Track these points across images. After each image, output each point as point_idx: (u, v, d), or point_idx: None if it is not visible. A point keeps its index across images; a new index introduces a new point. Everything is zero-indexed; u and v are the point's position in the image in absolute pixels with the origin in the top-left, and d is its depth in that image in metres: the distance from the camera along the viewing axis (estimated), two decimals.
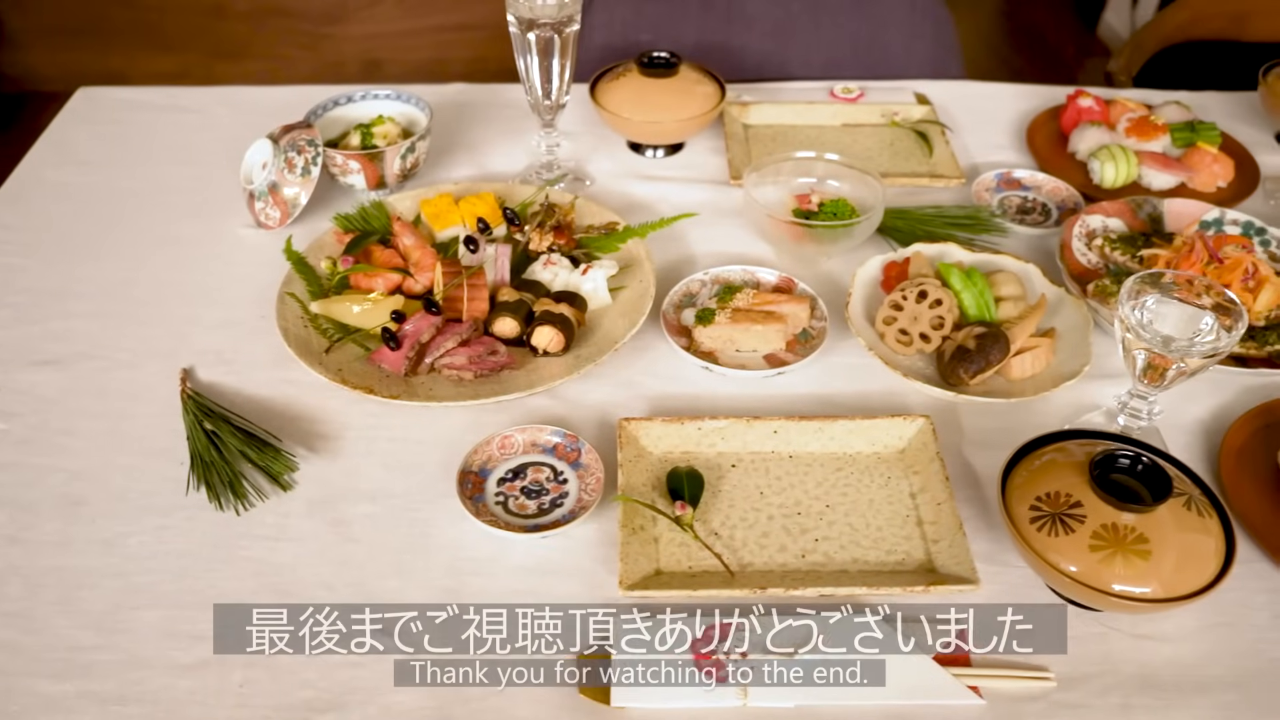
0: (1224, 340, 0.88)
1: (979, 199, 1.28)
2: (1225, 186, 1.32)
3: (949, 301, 1.03)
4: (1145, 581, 0.78)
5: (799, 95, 1.49)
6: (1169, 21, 1.67)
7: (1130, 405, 0.96)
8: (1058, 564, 0.80)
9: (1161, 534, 0.79)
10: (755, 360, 1.06)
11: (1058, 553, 0.80)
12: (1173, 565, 0.79)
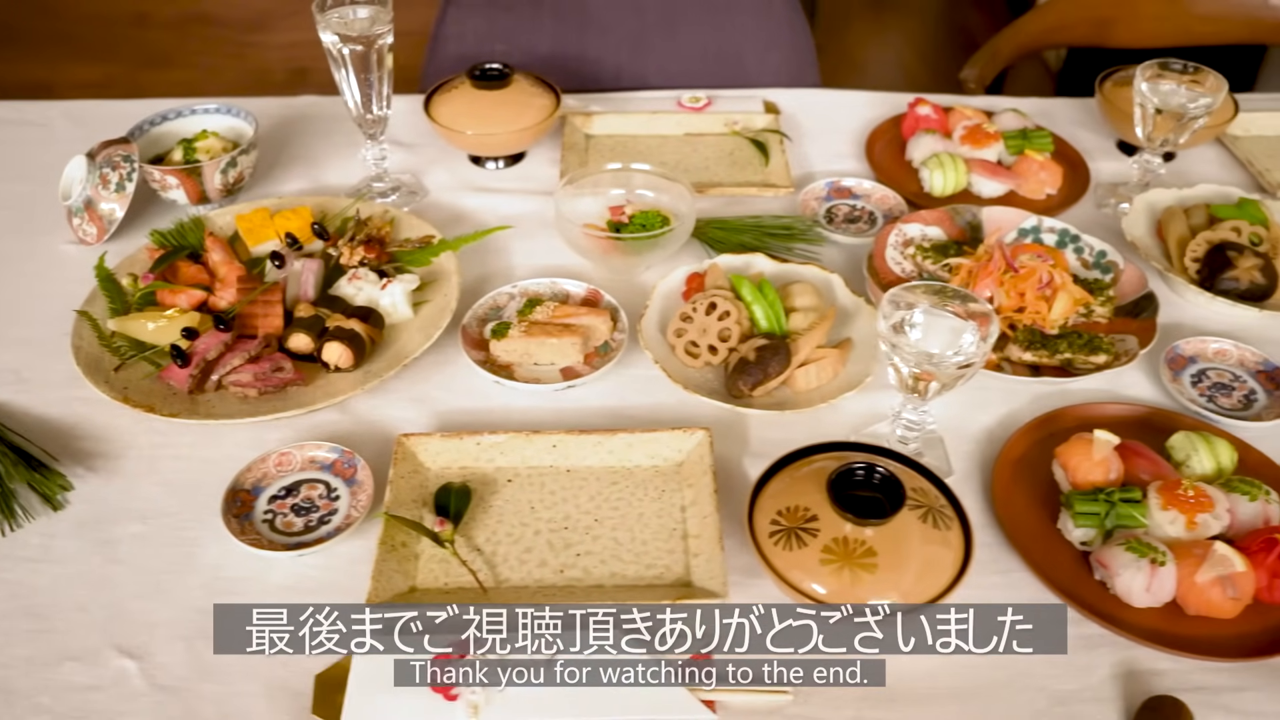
0: (978, 351, 0.88)
1: (806, 208, 1.29)
2: (1055, 193, 1.33)
3: (736, 314, 1.03)
4: (872, 593, 0.78)
5: (647, 105, 1.49)
6: (1027, 29, 1.68)
7: (903, 416, 0.96)
8: (788, 577, 0.80)
9: (891, 547, 0.80)
10: (552, 374, 1.06)
11: (791, 566, 0.80)
12: (913, 576, 0.80)
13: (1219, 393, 1.06)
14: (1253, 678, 0.82)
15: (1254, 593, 0.85)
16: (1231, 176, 1.39)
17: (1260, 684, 0.82)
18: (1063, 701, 0.81)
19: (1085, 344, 1.05)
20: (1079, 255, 1.19)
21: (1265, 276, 1.13)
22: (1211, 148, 1.44)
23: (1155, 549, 0.85)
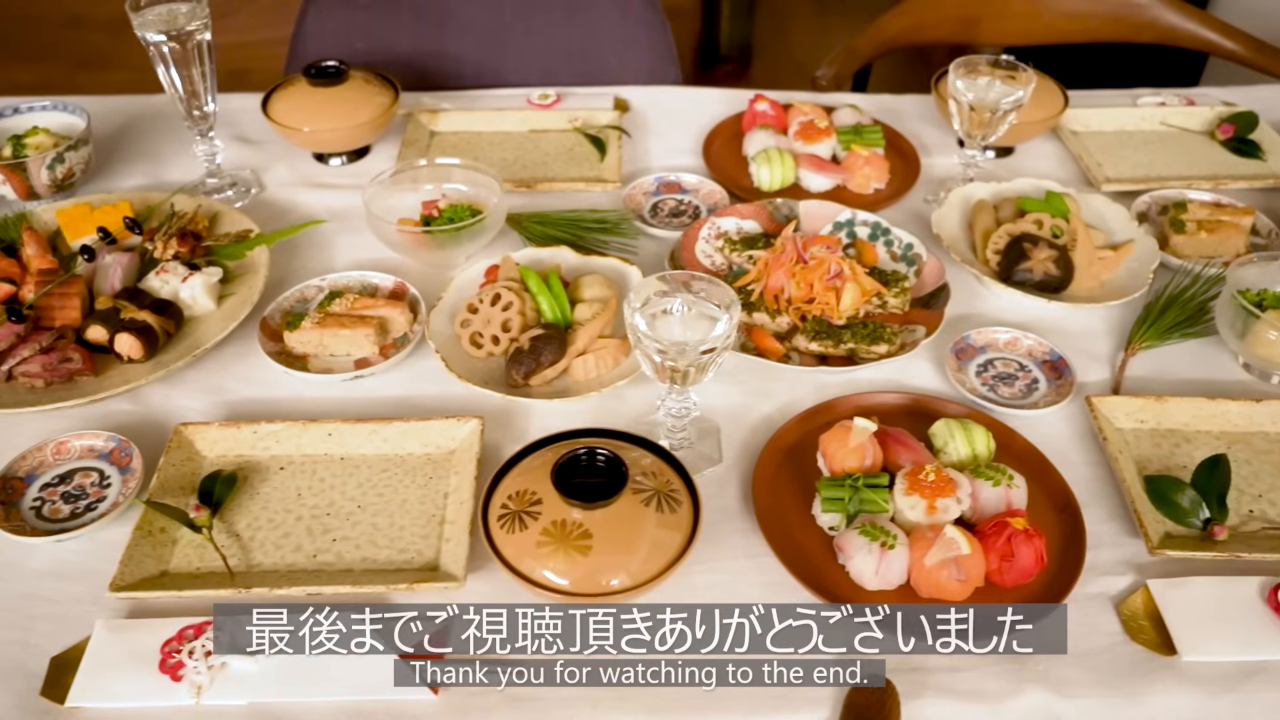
0: (720, 338, 0.89)
1: (631, 202, 1.30)
2: (883, 188, 1.34)
3: (520, 305, 1.05)
4: (584, 574, 0.80)
5: (500, 102, 1.51)
6: (889, 27, 1.69)
7: (667, 403, 0.97)
8: (505, 555, 0.81)
9: (608, 530, 0.81)
10: (347, 364, 1.08)
11: (511, 546, 0.82)
12: (631, 557, 0.81)
13: (1001, 382, 1.07)
14: (972, 660, 0.83)
15: (985, 575, 0.86)
16: (1065, 170, 1.41)
17: (977, 665, 0.83)
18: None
19: (869, 334, 1.07)
20: (889, 248, 1.21)
21: (1059, 268, 1.14)
22: (1049, 142, 1.46)
23: (887, 533, 0.87)
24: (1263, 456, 1.00)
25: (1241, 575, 0.89)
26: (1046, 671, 0.83)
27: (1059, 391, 1.05)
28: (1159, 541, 0.90)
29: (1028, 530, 0.86)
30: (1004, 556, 0.86)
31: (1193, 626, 0.85)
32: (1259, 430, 1.02)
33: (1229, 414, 1.02)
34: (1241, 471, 0.98)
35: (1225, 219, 1.23)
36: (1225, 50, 1.70)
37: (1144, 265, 1.17)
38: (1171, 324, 1.12)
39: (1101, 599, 0.88)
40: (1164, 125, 1.47)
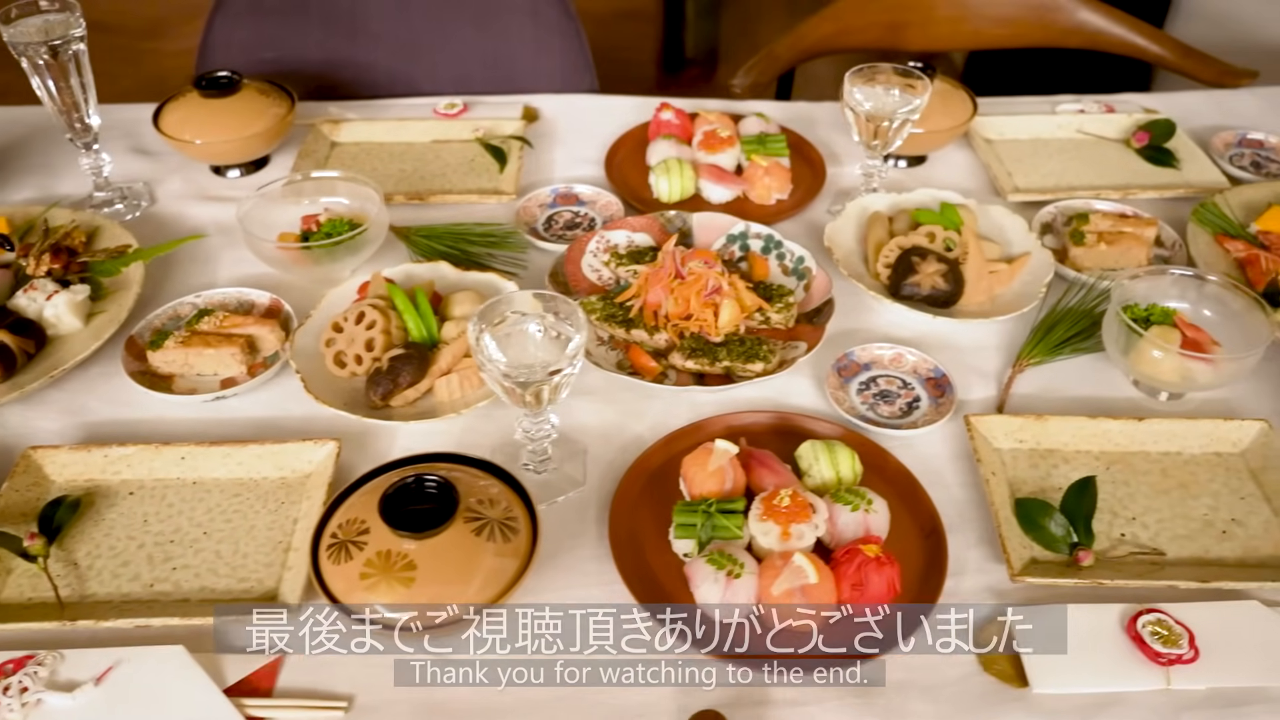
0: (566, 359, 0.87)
1: (526, 215, 1.28)
2: (785, 198, 1.32)
3: (384, 323, 1.02)
4: (408, 606, 0.77)
5: (407, 111, 1.48)
6: (811, 33, 1.66)
7: (524, 425, 0.95)
8: (331, 587, 0.79)
9: (434, 560, 0.78)
10: (213, 384, 1.05)
11: (337, 578, 0.79)
12: (458, 589, 0.79)
13: (882, 400, 1.05)
14: (815, 693, 0.81)
15: (835, 604, 0.84)
16: (976, 179, 1.38)
17: (820, 699, 0.80)
18: (619, 714, 0.79)
19: (745, 351, 1.04)
20: (781, 261, 1.18)
21: (948, 282, 1.12)
22: (962, 150, 1.43)
23: (734, 561, 0.84)
24: (1141, 477, 0.97)
25: (1106, 603, 0.86)
26: (890, 704, 0.80)
27: (939, 410, 1.03)
28: (1021, 568, 0.88)
29: (879, 558, 0.83)
30: (855, 585, 0.83)
31: (1048, 657, 0.82)
32: (1140, 450, 0.99)
33: (1110, 433, 0.99)
34: (1118, 493, 0.96)
35: (1127, 230, 1.20)
36: (1152, 55, 1.67)
37: (1039, 279, 1.14)
38: (1061, 340, 1.09)
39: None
40: (1080, 133, 1.44)
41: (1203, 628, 0.84)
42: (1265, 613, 0.85)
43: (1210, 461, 0.99)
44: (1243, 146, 1.42)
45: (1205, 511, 0.94)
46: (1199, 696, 0.81)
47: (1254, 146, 1.42)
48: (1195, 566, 0.89)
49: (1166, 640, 0.82)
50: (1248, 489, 0.96)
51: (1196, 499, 0.95)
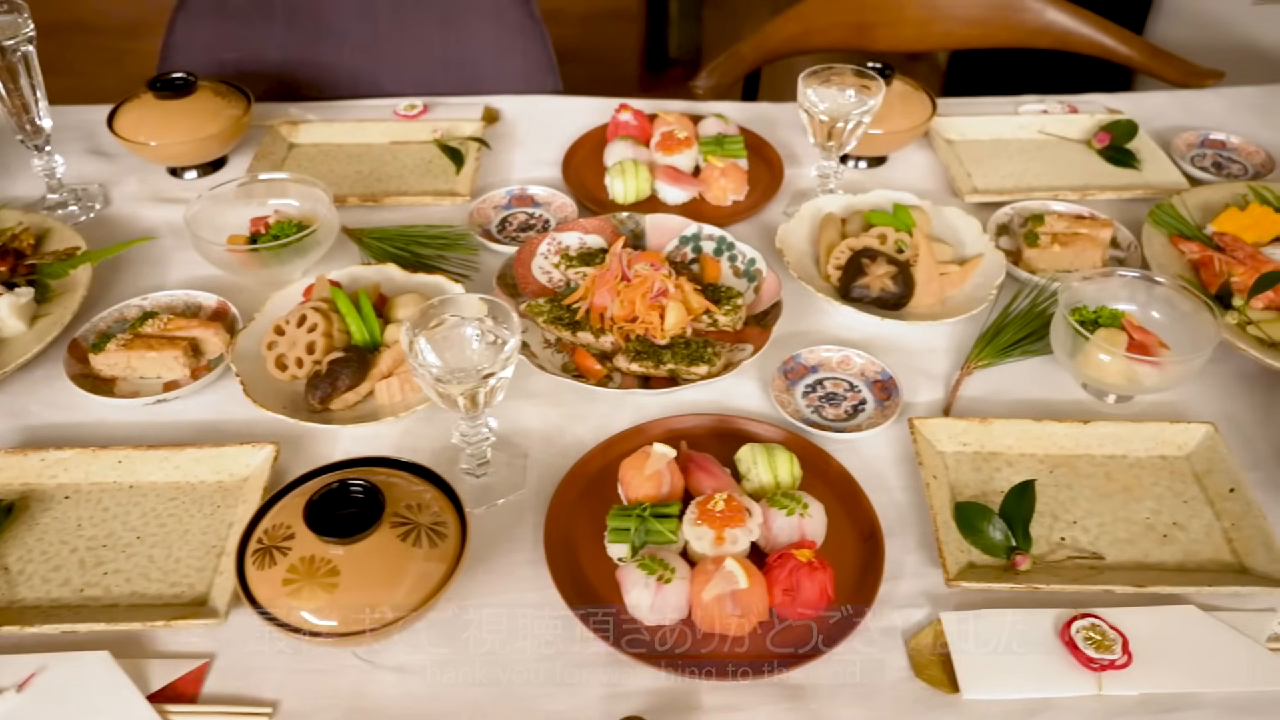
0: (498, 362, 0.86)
1: (480, 216, 1.27)
2: (742, 199, 1.31)
3: (325, 326, 1.02)
4: (332, 612, 0.77)
5: (368, 113, 1.47)
6: (776, 34, 1.66)
7: (461, 428, 0.94)
8: (255, 593, 0.78)
9: (358, 565, 0.78)
10: (157, 387, 1.05)
11: (261, 584, 0.78)
12: (383, 594, 0.78)
13: (828, 403, 1.04)
14: (747, 698, 0.80)
15: (768, 609, 0.83)
16: (935, 180, 1.37)
17: (752, 705, 0.80)
18: (547, 719, 0.79)
19: (689, 354, 1.04)
20: (732, 263, 1.18)
21: (897, 284, 1.11)
22: (923, 151, 1.42)
23: (665, 565, 0.83)
24: (1085, 480, 0.96)
25: (1042, 607, 0.85)
26: (820, 710, 0.79)
27: (884, 413, 1.02)
28: (957, 573, 0.87)
29: (812, 563, 0.83)
30: (787, 590, 0.83)
31: (981, 662, 0.82)
32: (1085, 453, 0.99)
33: (1055, 436, 0.99)
34: (1061, 496, 0.95)
35: (1082, 231, 1.19)
36: (1120, 55, 1.66)
37: (991, 281, 1.13)
38: (1010, 342, 1.08)
39: (894, 633, 0.85)
40: (1042, 134, 1.43)
41: (1138, 633, 0.83)
42: (1201, 617, 0.84)
43: (1155, 465, 0.98)
44: (1205, 147, 1.42)
45: (1147, 515, 0.93)
46: (1131, 702, 0.80)
47: (1216, 147, 1.41)
48: (1134, 571, 0.89)
49: (1099, 645, 0.82)
50: (1191, 492, 0.95)
51: (1139, 502, 0.95)
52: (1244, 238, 1.18)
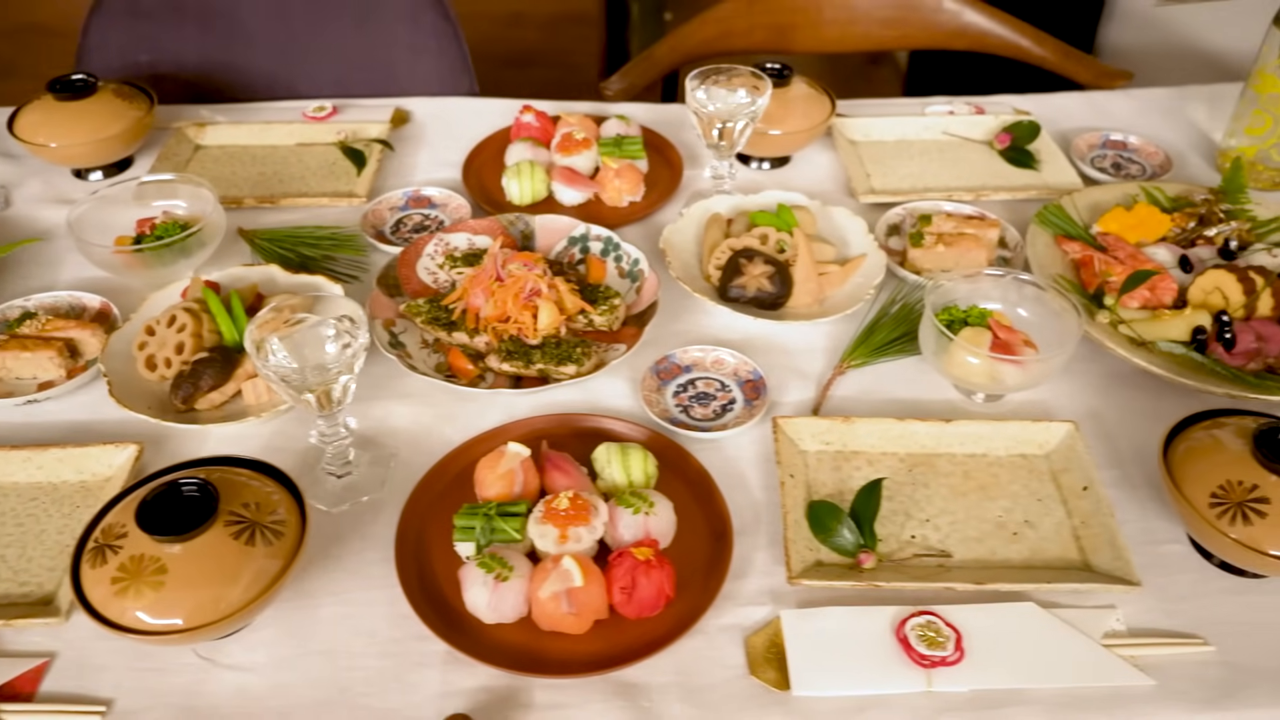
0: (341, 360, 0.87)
1: (375, 218, 1.28)
2: (639, 200, 1.31)
3: (194, 326, 1.02)
4: (160, 610, 0.77)
5: (280, 114, 1.48)
6: (692, 36, 1.66)
7: (318, 426, 0.95)
8: (89, 593, 0.79)
9: (188, 564, 0.78)
10: (31, 387, 1.05)
11: (94, 583, 0.79)
12: (212, 594, 0.78)
13: (697, 402, 1.04)
14: (579, 695, 0.81)
15: (606, 607, 0.84)
16: (836, 180, 1.38)
17: (584, 702, 0.80)
18: (380, 716, 0.79)
19: (559, 354, 1.04)
20: (618, 263, 1.18)
21: (774, 284, 1.11)
22: (826, 152, 1.43)
23: (503, 564, 0.84)
24: (943, 479, 0.97)
25: (886, 605, 0.86)
26: (652, 707, 0.80)
27: (752, 413, 1.03)
28: (801, 571, 0.88)
29: (650, 561, 0.83)
30: (624, 588, 0.83)
31: (814, 660, 0.82)
32: (946, 452, 0.99)
33: (916, 435, 0.99)
34: (917, 495, 0.96)
35: (969, 231, 1.20)
36: (1035, 56, 1.67)
37: (871, 281, 1.14)
38: (883, 342, 1.09)
39: (735, 631, 0.86)
40: (945, 135, 1.44)
41: (975, 630, 0.84)
42: (1040, 614, 0.85)
43: (1015, 464, 0.99)
44: (1106, 148, 1.42)
45: (1000, 513, 0.94)
46: (960, 698, 0.80)
47: (1117, 148, 1.42)
48: (978, 569, 0.89)
49: (932, 643, 0.82)
50: (1046, 491, 0.96)
51: (994, 501, 0.95)
52: (1127, 238, 1.19)
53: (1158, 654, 0.83)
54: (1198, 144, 1.45)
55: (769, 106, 1.33)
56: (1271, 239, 1.22)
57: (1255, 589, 0.88)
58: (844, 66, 3.71)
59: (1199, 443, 0.90)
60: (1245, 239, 1.20)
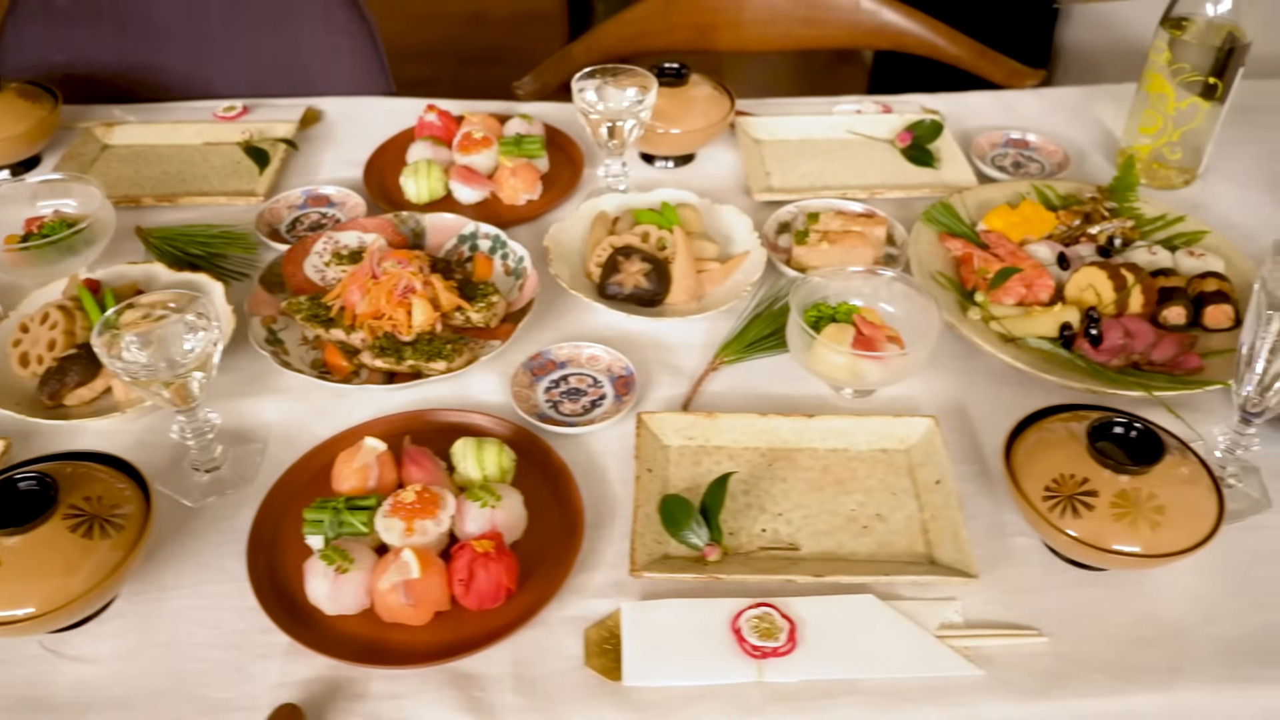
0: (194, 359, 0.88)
1: (272, 217, 1.29)
2: (536, 199, 1.33)
3: (65, 324, 1.03)
4: None
5: (192, 114, 1.49)
6: (609, 36, 1.67)
7: (181, 424, 0.96)
8: None
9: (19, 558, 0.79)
10: None
11: None
12: (50, 586, 0.79)
13: (568, 398, 1.06)
14: (414, 685, 0.82)
15: (448, 598, 0.85)
16: (739, 178, 1.39)
17: (418, 691, 0.81)
18: (216, 708, 0.80)
19: (430, 350, 1.05)
20: (504, 261, 1.19)
21: (651, 281, 1.13)
22: (731, 150, 1.44)
23: (344, 556, 0.85)
24: (802, 474, 0.98)
25: (729, 597, 0.87)
26: (485, 697, 0.81)
27: (620, 408, 1.04)
28: (646, 564, 0.89)
29: (489, 554, 0.84)
30: (462, 580, 0.84)
31: (649, 651, 0.83)
32: (808, 447, 1.00)
33: (779, 430, 1.00)
34: (774, 490, 0.97)
35: (855, 229, 1.21)
36: (950, 55, 1.68)
37: (750, 278, 1.15)
38: (757, 338, 1.10)
39: (578, 623, 0.87)
40: (850, 133, 1.45)
41: (812, 621, 0.85)
42: (877, 606, 0.86)
43: (875, 458, 1.00)
44: (1008, 146, 1.43)
45: (853, 507, 0.95)
46: (790, 689, 0.81)
47: (1019, 147, 1.43)
48: (823, 561, 0.90)
49: (765, 634, 0.83)
50: (902, 485, 0.97)
51: (849, 495, 0.96)
52: (1011, 235, 1.20)
53: (991, 645, 0.84)
54: (1102, 143, 1.47)
55: (667, 106, 1.34)
56: (1155, 237, 1.23)
57: (1094, 581, 0.89)
58: (811, 64, 3.73)
59: (1043, 438, 0.91)
60: (1129, 236, 1.21)
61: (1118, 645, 0.85)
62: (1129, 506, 0.84)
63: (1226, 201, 1.35)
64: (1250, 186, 1.37)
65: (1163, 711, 0.81)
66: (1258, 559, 0.92)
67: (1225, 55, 1.25)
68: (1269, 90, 1.55)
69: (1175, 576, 0.90)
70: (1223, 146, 1.42)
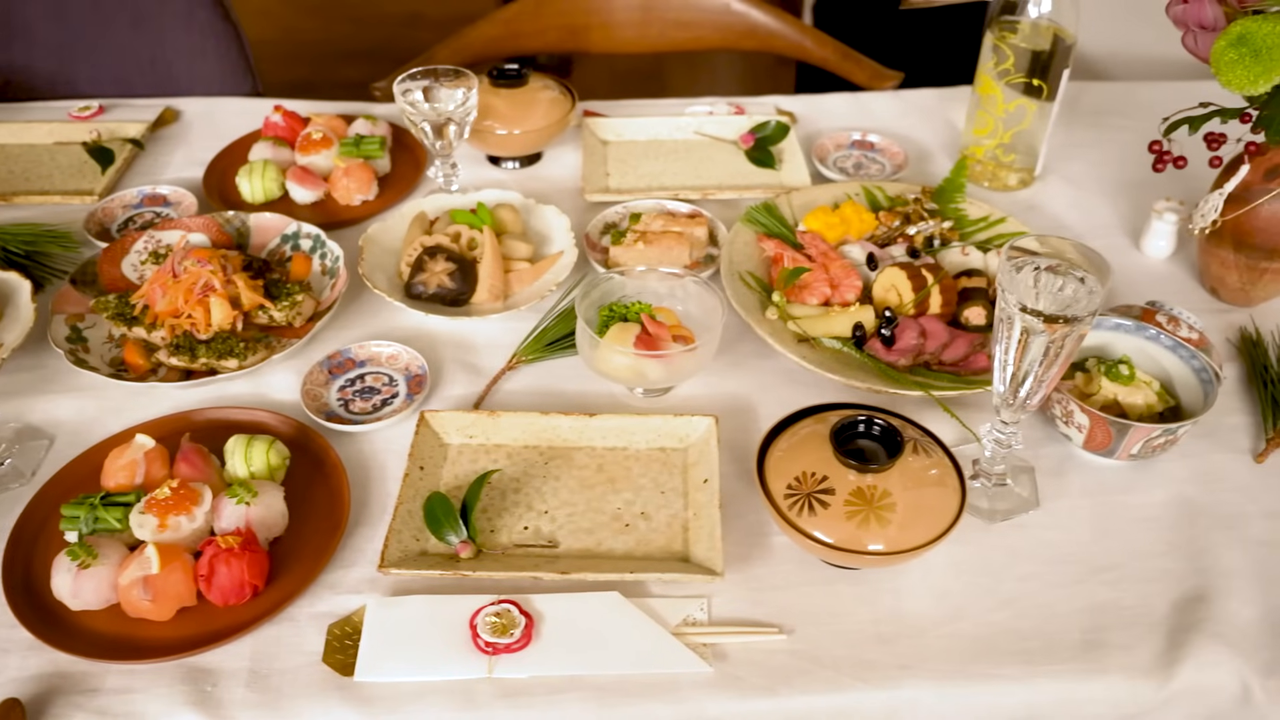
0: None
1: (107, 215, 1.30)
2: (371, 199, 1.33)
3: None
4: None
5: (52, 114, 1.50)
6: (476, 37, 1.68)
7: None
8: None
9: None
10: None
11: None
12: None
13: (361, 396, 1.06)
14: (145, 680, 0.82)
15: (192, 594, 0.86)
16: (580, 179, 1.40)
17: (149, 686, 0.82)
18: None
19: (222, 348, 1.06)
20: (323, 260, 1.20)
21: (455, 281, 1.13)
22: (577, 151, 1.44)
23: (89, 551, 0.86)
24: (576, 472, 0.99)
25: (478, 594, 0.88)
26: (213, 693, 0.82)
27: (410, 405, 1.04)
28: (396, 560, 0.89)
29: (233, 549, 0.85)
30: (204, 575, 0.85)
31: (386, 647, 0.84)
32: (588, 445, 1.01)
33: (559, 429, 1.01)
34: (544, 488, 0.97)
35: (674, 229, 1.22)
36: (816, 56, 1.69)
37: (559, 278, 1.16)
38: (556, 338, 1.11)
39: (326, 618, 0.87)
40: (697, 135, 1.46)
41: (551, 618, 0.86)
42: (620, 603, 0.87)
43: (653, 457, 1.00)
44: (852, 148, 1.44)
45: (620, 506, 0.96)
46: (519, 684, 0.82)
47: (864, 148, 1.44)
48: (575, 559, 0.91)
49: (500, 630, 0.84)
50: (673, 484, 0.98)
51: (619, 493, 0.97)
52: (828, 235, 1.21)
53: (731, 642, 0.85)
54: (949, 144, 1.47)
55: (507, 107, 1.35)
56: (977, 238, 1.24)
57: (845, 579, 0.90)
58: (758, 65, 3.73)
59: (801, 438, 0.92)
60: (946, 237, 1.22)
61: (854, 642, 0.85)
62: (861, 504, 0.84)
63: (1061, 203, 1.36)
64: (1087, 188, 1.38)
65: (885, 708, 0.82)
66: (1016, 558, 0.93)
67: (1049, 56, 1.26)
68: (1114, 93, 1.56)
69: (928, 574, 0.91)
70: (1064, 148, 1.44)
